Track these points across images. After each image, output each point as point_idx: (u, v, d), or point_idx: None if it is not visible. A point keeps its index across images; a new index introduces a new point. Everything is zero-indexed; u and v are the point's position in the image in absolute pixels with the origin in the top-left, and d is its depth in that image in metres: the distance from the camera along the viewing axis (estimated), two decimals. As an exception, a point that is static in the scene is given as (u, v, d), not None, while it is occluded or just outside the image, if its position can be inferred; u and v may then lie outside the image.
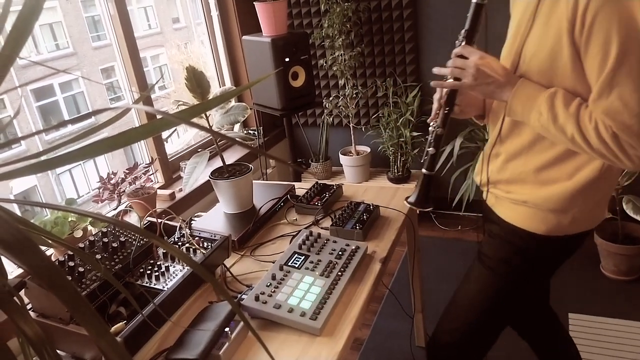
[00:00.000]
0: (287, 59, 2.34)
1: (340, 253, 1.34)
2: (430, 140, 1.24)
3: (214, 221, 1.67)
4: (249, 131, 2.98)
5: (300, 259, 1.32)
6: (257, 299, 1.17)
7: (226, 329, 1.10)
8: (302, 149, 3.28)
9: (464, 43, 1.14)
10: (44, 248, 1.32)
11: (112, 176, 1.89)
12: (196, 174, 1.60)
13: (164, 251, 1.37)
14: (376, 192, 1.78)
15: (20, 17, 0.59)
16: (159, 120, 0.57)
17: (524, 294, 1.29)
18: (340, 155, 3.03)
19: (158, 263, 1.33)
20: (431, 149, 1.24)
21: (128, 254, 1.31)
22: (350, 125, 2.98)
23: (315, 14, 2.90)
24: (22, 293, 1.06)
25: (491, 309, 1.27)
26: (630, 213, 2.21)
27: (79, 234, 1.63)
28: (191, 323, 1.14)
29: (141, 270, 1.31)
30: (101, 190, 1.86)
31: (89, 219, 1.66)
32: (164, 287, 1.25)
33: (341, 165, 3.07)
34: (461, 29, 1.14)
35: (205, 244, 1.36)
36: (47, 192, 5.78)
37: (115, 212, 1.89)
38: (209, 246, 1.35)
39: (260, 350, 1.09)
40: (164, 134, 2.32)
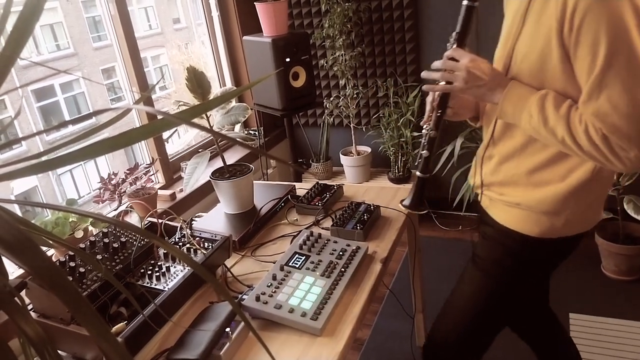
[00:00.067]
0: (287, 59, 2.34)
1: (341, 253, 1.34)
2: (424, 143, 1.24)
3: (214, 221, 1.67)
4: (250, 131, 2.99)
5: (301, 259, 1.32)
6: (257, 299, 1.17)
7: (227, 329, 1.10)
8: (302, 149, 3.28)
9: (455, 45, 1.14)
10: (44, 248, 1.32)
11: (113, 177, 1.89)
12: (197, 174, 1.60)
13: (165, 251, 1.37)
14: (377, 193, 1.78)
15: (21, 18, 0.59)
16: (159, 121, 0.57)
17: (518, 296, 1.28)
18: (340, 155, 3.03)
19: (159, 263, 1.33)
20: (425, 151, 1.24)
21: (129, 255, 1.31)
22: (351, 126, 2.98)
23: (316, 14, 2.90)
24: (23, 293, 1.06)
25: (485, 311, 1.27)
26: (631, 213, 2.21)
27: (79, 234, 1.63)
28: (192, 323, 1.14)
29: (142, 271, 1.31)
30: (102, 191, 1.87)
31: (90, 219, 1.66)
32: (164, 288, 1.25)
33: (342, 166, 3.07)
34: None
35: (206, 244, 1.36)
36: (47, 192, 5.79)
37: (116, 212, 1.89)
38: (210, 246, 1.35)
39: (261, 350, 1.09)
40: (165, 135, 2.33)
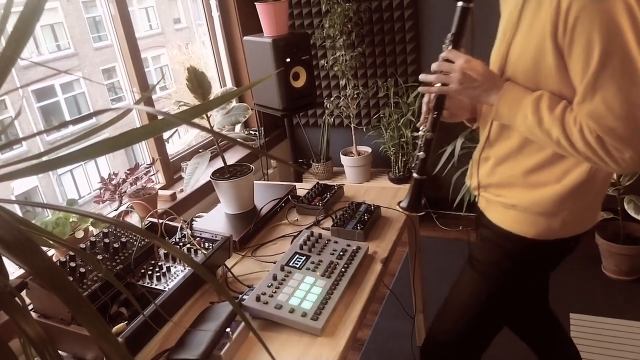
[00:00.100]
0: (288, 60, 2.34)
1: (341, 253, 1.34)
2: (420, 144, 1.24)
3: (215, 222, 1.67)
4: (250, 132, 2.99)
5: (301, 259, 1.32)
6: (258, 299, 1.17)
7: (227, 329, 1.10)
8: (303, 149, 3.28)
9: (450, 47, 1.13)
10: (45, 249, 1.32)
11: (114, 177, 1.89)
12: (197, 174, 1.60)
13: (165, 252, 1.37)
14: (377, 193, 1.78)
15: (21, 18, 0.59)
16: (160, 121, 0.57)
17: (516, 298, 1.28)
18: (341, 155, 3.03)
19: (159, 264, 1.33)
20: (421, 153, 1.24)
21: (129, 255, 1.31)
22: (351, 126, 2.98)
23: (316, 14, 2.90)
24: (23, 294, 1.06)
25: (482, 312, 1.27)
26: (631, 213, 2.21)
27: (80, 234, 1.63)
28: (192, 323, 1.14)
29: (142, 271, 1.31)
30: (102, 191, 1.87)
31: (90, 219, 1.66)
32: (165, 288, 1.25)
33: (342, 166, 3.07)
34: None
35: (207, 244, 1.36)
36: (48, 192, 5.79)
37: (116, 212, 1.89)
38: (210, 247, 1.35)
39: (262, 350, 1.09)
40: (165, 135, 2.33)
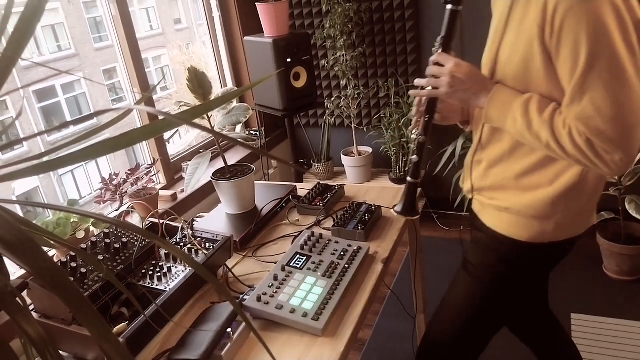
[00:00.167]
0: (288, 60, 2.34)
1: (342, 254, 1.34)
2: (414, 148, 1.24)
3: (216, 222, 1.67)
4: (251, 132, 2.99)
5: (302, 259, 1.32)
6: (259, 299, 1.17)
7: (228, 329, 1.10)
8: (303, 149, 3.28)
9: (440, 50, 1.13)
10: (46, 249, 1.32)
11: (114, 177, 1.89)
12: (198, 174, 1.60)
13: (166, 252, 1.37)
14: (378, 193, 1.78)
15: (22, 19, 0.59)
16: (160, 121, 0.57)
17: (512, 301, 1.28)
18: (342, 155, 3.03)
19: (160, 264, 1.33)
20: (415, 156, 1.23)
21: (130, 255, 1.31)
22: (352, 126, 2.98)
23: (317, 14, 2.90)
24: (24, 294, 1.06)
25: (476, 316, 1.27)
26: (632, 213, 2.20)
27: (81, 235, 1.63)
28: (193, 324, 1.14)
29: (143, 271, 1.31)
30: (103, 191, 1.87)
31: (91, 219, 1.66)
32: (166, 288, 1.25)
33: (343, 166, 3.07)
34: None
35: (207, 244, 1.36)
36: (49, 193, 5.79)
37: (117, 213, 1.89)
38: (211, 247, 1.35)
39: (262, 351, 1.09)
40: (166, 135, 2.33)
